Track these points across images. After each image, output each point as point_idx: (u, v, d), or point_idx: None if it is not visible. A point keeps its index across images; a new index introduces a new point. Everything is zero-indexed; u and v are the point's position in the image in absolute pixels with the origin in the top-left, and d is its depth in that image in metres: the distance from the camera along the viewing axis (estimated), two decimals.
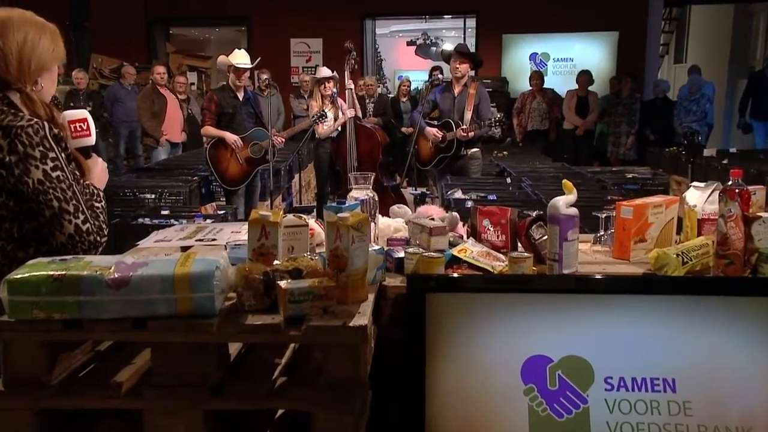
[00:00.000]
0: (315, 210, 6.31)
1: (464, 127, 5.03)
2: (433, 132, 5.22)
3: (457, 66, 5.12)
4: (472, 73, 5.48)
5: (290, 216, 1.68)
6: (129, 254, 1.78)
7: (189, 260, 1.34)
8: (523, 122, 8.64)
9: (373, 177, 1.91)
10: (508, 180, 5.21)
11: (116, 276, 1.28)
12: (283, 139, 5.41)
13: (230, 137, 5.07)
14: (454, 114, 5.21)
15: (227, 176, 5.15)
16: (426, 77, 9.72)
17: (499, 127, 5.23)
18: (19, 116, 1.61)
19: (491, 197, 4.29)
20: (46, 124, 1.62)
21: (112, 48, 10.33)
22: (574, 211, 1.71)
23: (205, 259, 1.35)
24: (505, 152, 7.48)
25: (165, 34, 11.90)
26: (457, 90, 5.23)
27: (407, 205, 2.30)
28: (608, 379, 1.47)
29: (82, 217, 1.64)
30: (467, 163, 5.28)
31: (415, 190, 5.91)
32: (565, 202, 1.70)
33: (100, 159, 1.85)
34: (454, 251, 1.82)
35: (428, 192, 5.95)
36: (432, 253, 1.72)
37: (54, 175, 1.60)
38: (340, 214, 1.45)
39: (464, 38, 11.64)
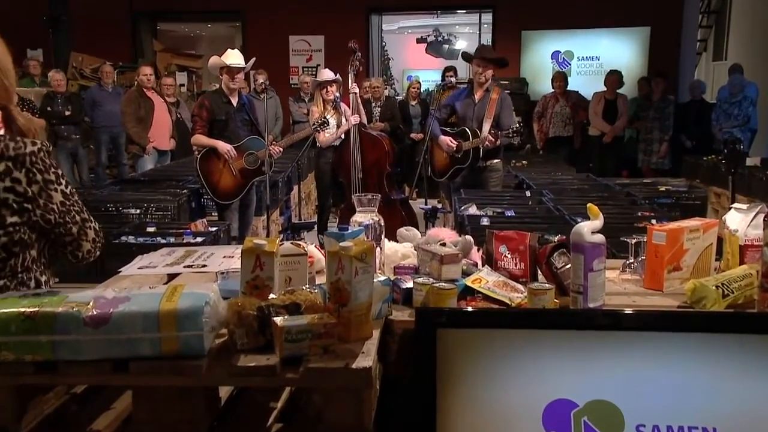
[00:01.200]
0: (315, 226, 6.32)
1: (484, 135, 4.99)
2: (446, 141, 5.19)
3: (482, 72, 5.10)
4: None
5: (288, 244, 1.68)
6: (109, 286, 1.79)
7: (175, 295, 1.34)
8: (545, 128, 8.62)
9: (378, 199, 1.91)
10: (528, 193, 5.19)
11: (95, 313, 1.29)
12: (281, 149, 5.43)
13: (223, 146, 5.08)
14: (472, 122, 5.17)
15: (220, 189, 5.15)
16: (437, 77, 9.75)
17: (518, 137, 5.22)
18: (17, 140, 1.61)
19: (509, 213, 4.28)
20: (40, 142, 1.66)
21: (94, 46, 10.41)
22: (600, 238, 1.70)
23: (193, 293, 1.36)
24: (524, 161, 7.47)
25: (152, 30, 12.01)
26: (478, 95, 5.20)
27: (416, 220, 2.30)
28: (640, 427, 1.45)
29: (91, 218, 1.78)
30: (487, 175, 5.26)
31: (426, 204, 5.91)
32: (590, 228, 1.69)
33: None
34: (468, 281, 1.82)
35: (440, 206, 5.94)
36: (443, 284, 1.71)
37: (68, 191, 1.70)
38: (342, 243, 1.45)
39: (479, 35, 11.70)
